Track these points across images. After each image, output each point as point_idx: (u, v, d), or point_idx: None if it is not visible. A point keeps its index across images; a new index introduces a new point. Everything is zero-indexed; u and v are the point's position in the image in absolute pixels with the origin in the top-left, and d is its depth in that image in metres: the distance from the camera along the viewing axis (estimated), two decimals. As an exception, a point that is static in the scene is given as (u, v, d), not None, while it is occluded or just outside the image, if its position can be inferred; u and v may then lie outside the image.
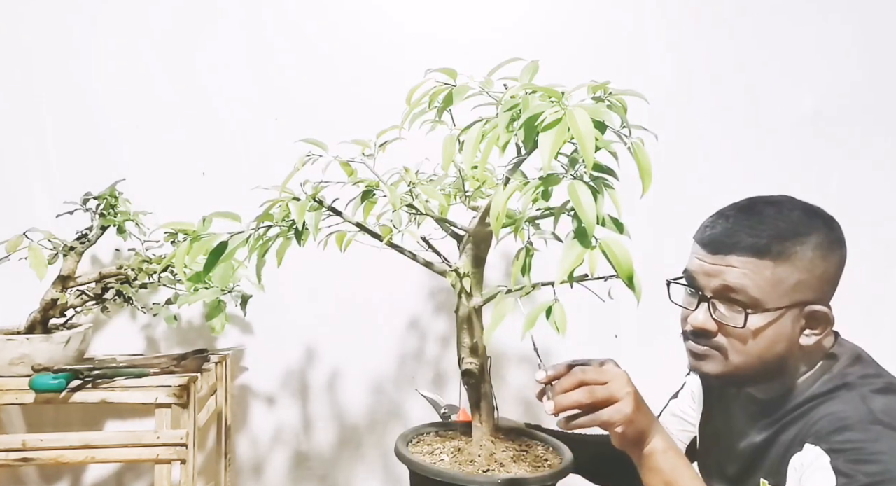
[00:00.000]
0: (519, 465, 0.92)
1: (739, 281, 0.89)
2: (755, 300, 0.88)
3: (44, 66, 1.58)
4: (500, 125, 0.72)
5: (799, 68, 1.67)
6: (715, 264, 0.91)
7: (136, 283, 1.43)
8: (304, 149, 0.94)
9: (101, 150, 1.59)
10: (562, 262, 0.67)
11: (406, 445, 0.96)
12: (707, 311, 0.92)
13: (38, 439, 1.27)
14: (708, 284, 0.92)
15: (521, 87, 0.77)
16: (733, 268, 0.89)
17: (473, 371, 0.94)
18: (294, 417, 1.67)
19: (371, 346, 1.66)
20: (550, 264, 0.82)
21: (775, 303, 0.88)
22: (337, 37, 1.62)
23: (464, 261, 0.92)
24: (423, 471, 0.88)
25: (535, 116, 0.69)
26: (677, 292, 0.98)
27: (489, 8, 1.63)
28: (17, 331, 1.41)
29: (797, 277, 0.88)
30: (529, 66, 0.79)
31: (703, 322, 0.92)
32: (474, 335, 0.94)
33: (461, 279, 0.91)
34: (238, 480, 1.67)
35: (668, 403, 1.23)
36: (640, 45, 1.66)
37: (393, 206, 0.88)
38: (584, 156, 0.66)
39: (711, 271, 0.91)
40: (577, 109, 0.68)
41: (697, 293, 0.93)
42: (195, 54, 1.60)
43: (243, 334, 1.65)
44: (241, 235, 0.83)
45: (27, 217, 1.45)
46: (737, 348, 0.91)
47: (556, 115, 0.68)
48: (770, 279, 0.88)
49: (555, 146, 0.66)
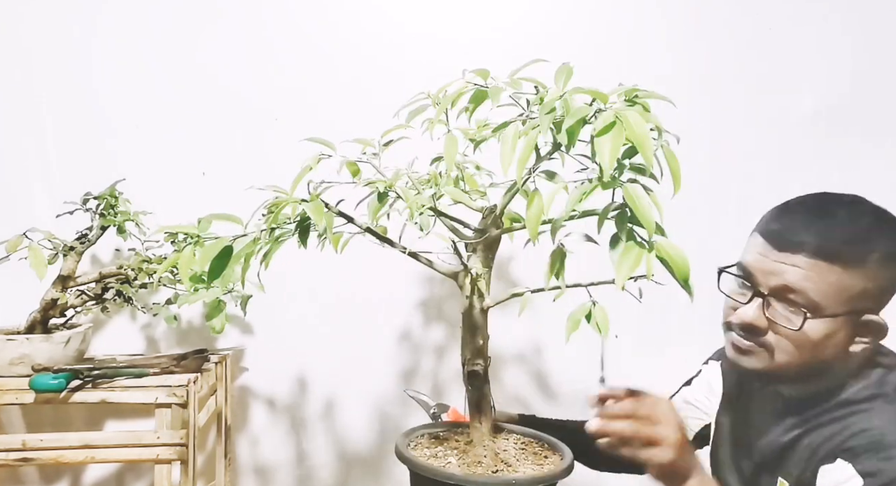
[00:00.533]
0: (523, 463, 0.92)
1: (802, 283, 0.85)
2: (815, 304, 0.85)
3: (44, 66, 1.58)
4: (543, 126, 0.70)
5: (799, 68, 1.67)
6: (778, 262, 0.87)
7: (136, 283, 1.43)
8: (305, 149, 0.94)
9: (101, 150, 1.59)
10: (619, 265, 0.66)
11: (406, 448, 0.96)
12: (760, 308, 0.88)
13: (38, 439, 1.27)
14: (766, 281, 0.88)
15: (559, 89, 0.76)
16: (797, 268, 0.85)
17: (479, 373, 0.94)
18: (294, 417, 1.67)
19: (371, 346, 1.66)
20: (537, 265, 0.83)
21: (835, 309, 0.85)
22: (337, 37, 1.62)
23: (475, 262, 0.91)
24: (435, 475, 0.87)
25: (581, 120, 0.69)
26: (727, 281, 0.95)
27: (489, 8, 1.63)
28: (17, 331, 1.41)
29: (862, 285, 0.85)
30: (563, 69, 0.78)
31: (753, 319, 0.89)
32: (481, 337, 0.94)
33: (476, 281, 0.90)
34: (238, 480, 1.67)
35: (681, 389, 1.22)
36: (640, 46, 1.66)
37: (411, 210, 0.85)
38: (645, 158, 0.66)
39: (772, 269, 0.87)
40: (631, 113, 0.67)
41: (752, 288, 0.90)
42: (195, 54, 1.60)
43: (243, 335, 1.65)
44: (244, 238, 0.81)
45: (27, 217, 1.45)
46: (785, 348, 0.88)
47: (609, 118, 0.67)
48: (835, 285, 0.84)
49: (614, 150, 0.66)
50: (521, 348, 1.67)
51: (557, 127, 0.71)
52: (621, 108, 0.70)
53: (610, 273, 0.85)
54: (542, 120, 0.72)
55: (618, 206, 0.71)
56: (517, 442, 1.00)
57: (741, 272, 0.93)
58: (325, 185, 0.89)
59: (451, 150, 0.86)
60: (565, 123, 0.69)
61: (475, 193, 1.00)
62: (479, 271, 0.91)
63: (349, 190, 0.93)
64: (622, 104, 0.72)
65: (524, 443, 1.00)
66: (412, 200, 0.86)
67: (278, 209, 0.82)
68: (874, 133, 1.68)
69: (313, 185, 0.88)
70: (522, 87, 0.81)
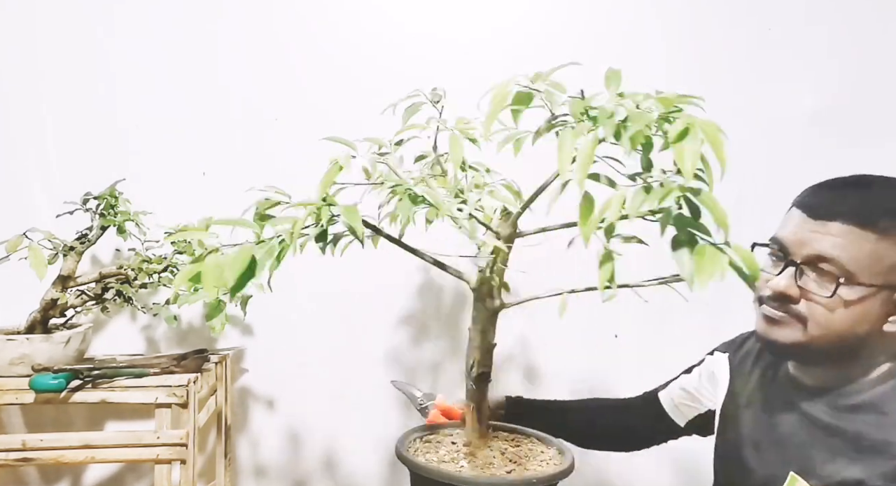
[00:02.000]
0: (528, 461, 0.92)
1: (835, 251, 0.85)
2: (848, 273, 0.85)
3: (44, 65, 1.58)
4: (607, 131, 0.71)
5: (799, 68, 1.67)
6: (812, 231, 0.88)
7: (136, 283, 1.43)
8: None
9: (101, 150, 1.59)
10: (699, 267, 0.65)
11: (406, 450, 0.96)
12: (792, 277, 0.89)
13: (38, 439, 1.27)
14: (799, 250, 0.89)
15: (612, 94, 0.77)
16: (831, 236, 0.86)
17: (487, 374, 0.94)
18: (294, 416, 1.67)
19: (371, 345, 1.66)
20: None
21: (869, 279, 0.85)
22: (338, 37, 1.62)
23: (490, 263, 0.91)
24: (440, 477, 0.86)
25: (649, 125, 0.70)
26: (760, 257, 0.94)
27: (489, 8, 1.63)
28: (17, 331, 1.41)
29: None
30: (612, 74, 0.79)
31: (785, 287, 0.89)
32: (491, 339, 0.93)
33: (492, 282, 0.90)
34: (238, 480, 1.67)
35: (679, 376, 1.23)
36: (639, 46, 1.66)
37: (448, 217, 0.84)
38: (720, 162, 0.68)
39: (806, 238, 0.88)
40: (699, 119, 0.69)
41: (784, 258, 0.90)
42: (195, 54, 1.60)
43: (243, 335, 1.65)
44: (264, 244, 0.78)
45: (27, 217, 1.45)
46: (818, 319, 0.87)
47: (683, 124, 0.69)
48: (869, 253, 0.85)
49: (695, 154, 0.67)
50: (518, 348, 1.67)
51: (617, 132, 0.71)
52: (690, 114, 0.71)
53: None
54: (603, 124, 0.72)
55: (679, 208, 0.71)
56: (511, 440, 1.01)
57: (775, 245, 0.93)
58: (338, 186, 0.87)
59: (457, 151, 0.86)
60: (630, 128, 0.70)
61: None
62: (505, 273, 0.91)
63: (357, 192, 0.91)
64: (663, 109, 0.73)
65: (517, 442, 1.01)
66: (445, 206, 0.84)
67: (308, 214, 0.79)
68: (874, 133, 1.68)
69: (328, 187, 0.85)
70: (562, 91, 0.81)
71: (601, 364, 1.67)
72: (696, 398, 1.18)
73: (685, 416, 1.20)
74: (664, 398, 1.23)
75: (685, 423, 1.20)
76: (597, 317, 1.64)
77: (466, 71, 1.40)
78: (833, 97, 1.67)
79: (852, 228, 0.85)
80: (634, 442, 1.30)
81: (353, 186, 0.90)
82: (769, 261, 0.95)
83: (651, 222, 0.72)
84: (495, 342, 0.93)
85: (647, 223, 0.74)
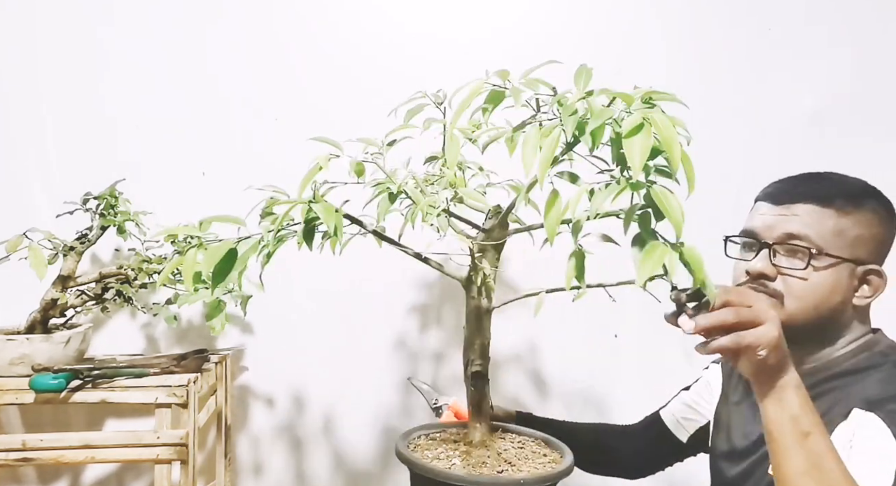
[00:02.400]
0: (526, 463, 0.92)
1: (802, 229, 0.94)
2: (817, 247, 0.93)
3: (44, 65, 1.58)
4: (568, 127, 0.71)
5: (799, 68, 1.67)
6: (779, 215, 0.96)
7: (136, 283, 1.43)
8: (305, 149, 0.94)
9: (101, 150, 1.59)
10: (642, 264, 0.66)
11: (406, 449, 0.96)
12: (767, 258, 0.96)
13: (38, 439, 1.27)
14: (770, 234, 0.97)
15: (580, 91, 0.76)
16: (796, 217, 0.95)
17: (483, 373, 0.94)
18: (294, 416, 1.67)
19: (371, 345, 1.66)
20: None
21: (836, 252, 0.94)
22: (337, 37, 1.62)
23: (483, 263, 0.91)
24: (437, 476, 0.86)
25: (605, 121, 0.70)
26: (732, 250, 1.04)
27: (489, 8, 1.63)
28: (17, 331, 1.41)
29: (856, 231, 0.94)
30: (582, 70, 0.79)
31: (762, 267, 0.96)
32: (485, 338, 0.94)
33: (485, 281, 0.90)
34: (238, 480, 1.67)
35: (679, 393, 1.26)
36: (638, 46, 1.66)
37: (423, 212, 0.85)
38: (671, 161, 0.67)
39: (774, 222, 0.97)
40: (658, 115, 0.69)
41: (757, 244, 0.98)
42: (195, 54, 1.60)
43: (243, 335, 1.65)
44: (248, 240, 0.80)
45: (27, 217, 1.45)
46: (794, 293, 0.94)
47: (637, 120, 0.68)
48: (832, 229, 0.94)
49: (644, 151, 0.66)
50: (518, 348, 1.67)
51: (581, 128, 0.71)
52: (646, 110, 0.70)
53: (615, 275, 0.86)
54: (566, 121, 0.72)
55: (642, 206, 0.71)
56: (516, 442, 1.00)
57: (746, 236, 1.01)
58: (329, 185, 0.88)
59: (453, 150, 0.86)
60: (590, 124, 0.70)
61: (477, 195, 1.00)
62: (487, 271, 0.91)
63: (351, 190, 0.92)
64: (640, 106, 0.72)
65: (521, 443, 1.01)
66: (423, 202, 0.86)
67: (287, 211, 0.81)
68: (874, 133, 1.68)
69: (316, 185, 0.87)
70: (539, 88, 0.81)
71: (601, 364, 1.67)
72: (696, 411, 1.21)
73: (687, 430, 1.22)
74: (666, 416, 1.26)
75: (687, 438, 1.22)
76: (597, 317, 1.64)
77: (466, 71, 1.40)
78: (833, 97, 1.67)
79: (814, 208, 0.95)
80: (640, 467, 1.32)
81: (364, 187, 0.92)
82: (741, 251, 1.03)
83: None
84: (486, 342, 0.94)
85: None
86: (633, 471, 1.33)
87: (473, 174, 1.05)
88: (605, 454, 1.29)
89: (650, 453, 1.28)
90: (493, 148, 0.90)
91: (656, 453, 1.28)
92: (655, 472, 1.31)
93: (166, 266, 0.81)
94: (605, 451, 1.29)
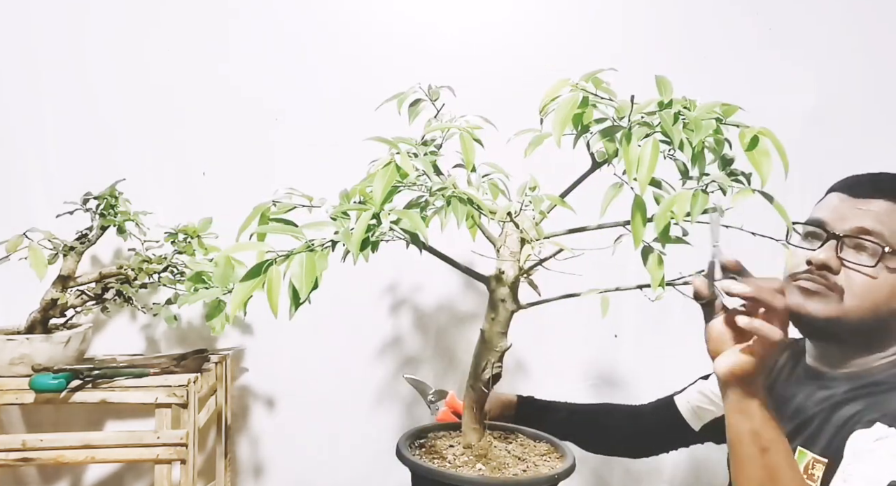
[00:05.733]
0: (526, 462, 0.93)
1: (877, 226, 0.91)
2: (891, 246, 0.90)
3: (44, 65, 1.57)
4: (675, 139, 0.77)
5: (799, 68, 1.67)
6: (854, 208, 0.93)
7: (136, 283, 1.43)
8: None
9: (101, 150, 1.59)
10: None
11: (407, 449, 0.95)
12: (833, 249, 0.93)
13: (38, 439, 1.27)
14: (841, 226, 0.94)
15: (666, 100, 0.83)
16: (872, 212, 0.92)
17: (500, 375, 0.94)
18: (294, 416, 1.67)
19: (371, 345, 1.66)
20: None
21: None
22: (338, 37, 1.62)
23: (510, 267, 0.91)
24: (443, 478, 0.86)
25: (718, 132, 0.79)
26: (792, 238, 1.00)
27: (488, 8, 1.63)
28: (17, 331, 1.41)
29: None
30: (662, 81, 0.85)
31: (826, 258, 0.93)
32: (505, 340, 0.94)
33: (516, 284, 0.90)
34: (238, 480, 1.67)
35: (697, 381, 1.24)
36: (637, 47, 1.66)
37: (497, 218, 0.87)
38: (785, 167, 0.79)
39: (848, 214, 0.94)
40: (765, 130, 0.80)
41: (824, 234, 0.95)
42: (195, 54, 1.60)
43: (243, 335, 1.65)
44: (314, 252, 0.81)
45: (27, 217, 1.45)
46: (856, 289, 0.91)
47: (752, 133, 0.80)
48: None
49: (769, 163, 0.78)
50: (518, 348, 1.67)
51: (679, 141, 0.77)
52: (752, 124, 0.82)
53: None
54: (672, 132, 0.77)
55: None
56: (517, 442, 1.01)
57: (812, 224, 0.98)
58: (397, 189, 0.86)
59: (470, 151, 0.87)
60: (695, 137, 0.77)
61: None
62: (515, 274, 0.91)
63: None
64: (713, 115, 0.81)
65: (518, 441, 1.01)
66: (501, 210, 0.87)
67: (368, 218, 0.80)
68: (874, 133, 1.68)
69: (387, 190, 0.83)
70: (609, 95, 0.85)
71: (601, 364, 1.67)
72: (713, 401, 1.19)
73: (702, 419, 1.21)
74: (680, 402, 1.24)
75: (700, 427, 1.21)
76: (597, 317, 1.64)
77: (459, 63, 1.40)
78: (833, 97, 1.67)
79: (893, 206, 0.92)
80: (642, 448, 1.31)
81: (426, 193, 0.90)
82: (806, 240, 1.00)
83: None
84: (510, 344, 0.94)
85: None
86: (637, 451, 1.33)
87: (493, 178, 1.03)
88: (608, 435, 1.29)
89: (657, 436, 1.27)
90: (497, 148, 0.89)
91: (665, 436, 1.27)
92: (659, 454, 1.30)
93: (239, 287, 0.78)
94: (608, 431, 1.29)
